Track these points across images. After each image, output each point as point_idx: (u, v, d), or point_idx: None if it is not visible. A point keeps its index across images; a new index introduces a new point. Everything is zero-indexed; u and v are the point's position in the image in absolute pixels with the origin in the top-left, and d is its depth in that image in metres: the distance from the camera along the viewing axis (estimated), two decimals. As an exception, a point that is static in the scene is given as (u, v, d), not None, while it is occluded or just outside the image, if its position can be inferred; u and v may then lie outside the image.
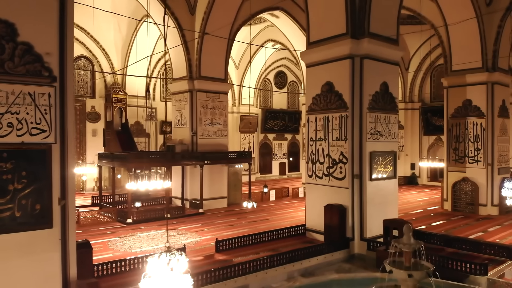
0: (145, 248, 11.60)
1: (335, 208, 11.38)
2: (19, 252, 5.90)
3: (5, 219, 5.78)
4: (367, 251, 10.98)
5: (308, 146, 12.64)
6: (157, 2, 16.90)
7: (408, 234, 5.95)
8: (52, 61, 6.13)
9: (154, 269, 3.67)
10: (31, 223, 5.95)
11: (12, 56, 5.82)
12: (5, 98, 5.79)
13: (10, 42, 5.81)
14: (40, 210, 6.01)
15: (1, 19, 5.77)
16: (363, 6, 11.16)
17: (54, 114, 6.16)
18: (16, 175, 5.83)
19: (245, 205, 13.73)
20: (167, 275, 3.58)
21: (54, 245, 6.19)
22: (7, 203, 5.78)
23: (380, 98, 11.73)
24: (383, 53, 11.63)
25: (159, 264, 3.68)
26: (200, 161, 17.11)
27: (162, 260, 3.70)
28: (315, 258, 10.06)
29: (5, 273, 5.81)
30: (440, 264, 8.99)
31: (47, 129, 6.10)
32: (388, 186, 12.00)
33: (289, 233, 12.46)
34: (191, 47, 17.72)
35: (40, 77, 6.03)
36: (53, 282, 6.22)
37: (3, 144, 5.76)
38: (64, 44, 6.31)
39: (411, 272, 5.70)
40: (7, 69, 5.79)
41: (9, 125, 5.82)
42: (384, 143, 11.91)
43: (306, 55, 12.56)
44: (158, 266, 3.66)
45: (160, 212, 16.02)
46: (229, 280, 8.38)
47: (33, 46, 5.97)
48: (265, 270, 9.04)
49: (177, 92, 18.66)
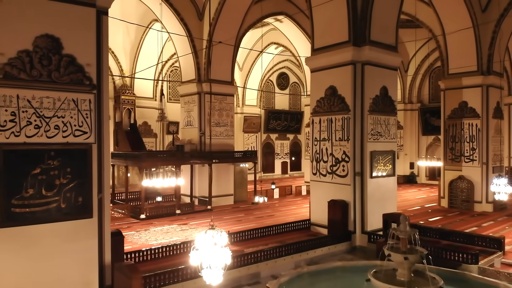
0: (161, 241, 12.43)
1: (338, 204, 12.22)
2: (64, 239, 6.74)
3: (52, 210, 6.63)
4: (368, 243, 11.83)
5: (313, 146, 13.47)
6: (167, 8, 17.73)
7: (404, 223, 6.79)
8: (91, 71, 6.97)
9: (201, 243, 4.50)
10: (74, 214, 6.79)
11: (58, 67, 6.66)
12: (53, 104, 6.63)
13: (56, 55, 6.65)
14: (82, 202, 6.85)
15: (48, 34, 6.61)
16: (364, 16, 11.99)
17: (93, 118, 7.00)
18: (62, 171, 6.67)
19: (256, 200, 14.61)
20: (211, 248, 4.42)
21: (94, 233, 7.04)
22: (54, 196, 6.63)
23: (380, 101, 12.57)
24: (383, 59, 12.48)
25: (205, 239, 4.51)
26: (208, 160, 17.95)
27: (208, 236, 4.53)
28: (320, 249, 10.91)
29: (53, 257, 6.66)
30: (435, 255, 9.82)
31: (88, 131, 6.94)
32: (387, 183, 12.84)
33: (294, 227, 13.30)
34: (200, 52, 18.54)
35: (82, 85, 6.87)
36: (92, 266, 7.06)
37: (51, 144, 6.60)
38: (101, 56, 7.15)
39: (406, 255, 6.54)
40: (54, 78, 6.63)
41: (56, 127, 6.66)
42: (383, 143, 12.75)
43: (310, 61, 13.40)
44: (204, 241, 4.50)
45: (170, 208, 16.88)
46: (242, 268, 9.22)
47: (75, 58, 6.82)
48: (275, 259, 9.88)
49: (186, 94, 19.49)
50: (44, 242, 6.58)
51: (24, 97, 6.41)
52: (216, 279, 4.49)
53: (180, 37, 18.25)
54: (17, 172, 6.35)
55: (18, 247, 6.39)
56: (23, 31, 6.42)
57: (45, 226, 6.56)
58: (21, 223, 6.38)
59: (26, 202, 6.40)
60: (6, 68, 6.27)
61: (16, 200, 6.33)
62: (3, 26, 6.27)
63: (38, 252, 6.54)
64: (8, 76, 6.28)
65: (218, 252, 4.44)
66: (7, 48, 6.30)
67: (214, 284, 4.58)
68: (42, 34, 6.54)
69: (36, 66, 6.48)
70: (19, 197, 6.35)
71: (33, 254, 6.50)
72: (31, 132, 6.46)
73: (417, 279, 6.84)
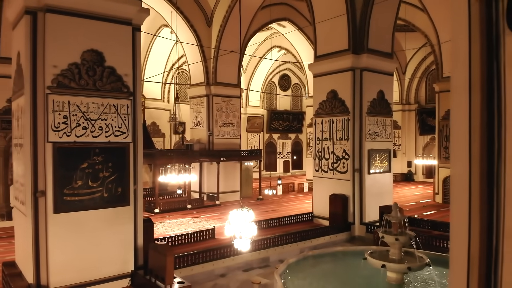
0: (177, 231, 13.61)
1: (339, 197, 13.41)
2: (106, 223, 7.92)
3: (97, 198, 7.80)
4: (366, 233, 13.02)
5: (315, 145, 14.65)
6: (176, 15, 18.88)
7: (395, 210, 7.96)
8: (128, 80, 8.15)
9: (233, 218, 5.66)
10: (114, 202, 7.97)
11: (101, 77, 7.83)
12: (97, 108, 7.80)
13: (99, 67, 7.83)
14: (121, 192, 8.03)
15: (93, 49, 7.78)
16: (362, 26, 13.17)
17: (130, 120, 8.17)
18: (104, 166, 7.85)
19: (266, 193, 15.87)
20: (241, 222, 5.58)
21: (130, 219, 8.22)
22: (98, 187, 7.80)
23: (377, 104, 13.76)
24: (379, 65, 13.67)
25: (236, 215, 5.67)
26: (216, 158, 19.12)
27: (238, 213, 5.69)
28: (322, 238, 12.11)
29: (97, 238, 7.84)
30: (427, 242, 11.00)
31: (126, 131, 8.11)
32: (383, 178, 14.04)
33: (298, 219, 14.49)
34: (208, 56, 19.70)
35: (121, 93, 8.04)
36: (128, 247, 8.24)
37: (96, 142, 7.78)
38: (136, 67, 8.33)
39: (397, 237, 7.72)
40: (98, 86, 7.80)
41: (100, 128, 7.84)
42: (380, 142, 13.94)
43: (313, 67, 14.58)
44: (235, 216, 5.66)
45: (182, 203, 18.06)
46: (254, 252, 10.40)
47: (115, 69, 7.99)
48: (282, 246, 11.08)
49: (195, 96, 20.66)
50: (90, 225, 7.76)
51: (74, 103, 7.58)
52: (245, 247, 5.67)
53: (190, 43, 19.41)
54: (68, 166, 7.52)
55: (69, 229, 7.57)
56: (73, 46, 7.59)
57: (91, 212, 7.74)
58: (71, 209, 7.56)
59: (75, 191, 7.58)
60: (59, 78, 7.45)
61: (67, 190, 7.51)
62: (56, 43, 7.45)
63: (85, 233, 7.71)
64: (61, 85, 7.46)
65: (247, 225, 5.61)
66: (60, 61, 7.47)
67: (244, 250, 5.76)
68: (88, 49, 7.72)
69: (83, 76, 7.65)
70: (70, 187, 7.53)
71: (81, 235, 7.68)
72: (79, 132, 7.64)
73: (407, 257, 8.04)
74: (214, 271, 9.72)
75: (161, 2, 18.42)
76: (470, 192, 1.39)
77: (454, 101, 1.56)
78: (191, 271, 9.26)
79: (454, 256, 1.48)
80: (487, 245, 1.33)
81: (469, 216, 1.40)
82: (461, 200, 1.45)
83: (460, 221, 1.43)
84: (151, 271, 7.88)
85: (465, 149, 1.41)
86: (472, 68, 1.36)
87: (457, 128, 1.52)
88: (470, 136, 1.38)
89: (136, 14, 8.31)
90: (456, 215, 1.49)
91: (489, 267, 1.29)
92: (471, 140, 1.37)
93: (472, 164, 1.38)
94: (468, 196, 1.40)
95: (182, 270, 9.01)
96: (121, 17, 8.07)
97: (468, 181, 1.40)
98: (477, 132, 1.35)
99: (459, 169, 1.49)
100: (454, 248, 1.50)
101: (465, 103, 1.42)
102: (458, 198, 1.49)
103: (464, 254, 1.39)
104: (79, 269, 7.66)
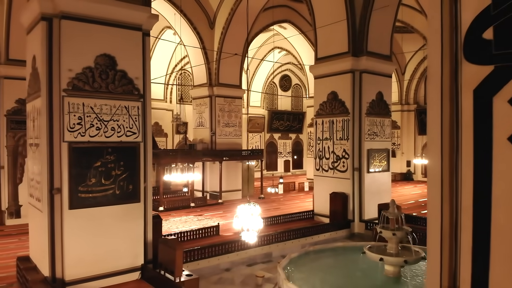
0: (182, 229, 14.01)
1: (339, 196, 13.83)
2: (118, 219, 8.33)
3: (109, 195, 8.21)
4: (365, 230, 13.44)
5: (316, 145, 15.07)
6: (180, 17, 19.29)
7: (392, 206, 8.38)
8: (139, 83, 8.56)
9: (241, 212, 6.07)
10: (126, 198, 8.38)
11: (113, 80, 8.24)
12: (110, 110, 8.22)
13: (112, 70, 8.24)
14: (132, 189, 8.44)
15: (106, 53, 8.19)
16: (362, 30, 13.59)
17: (141, 121, 8.59)
18: (116, 164, 8.26)
19: (269, 191, 16.31)
20: (248, 216, 5.99)
21: (140, 215, 8.64)
22: (111, 184, 8.22)
23: (376, 105, 14.18)
24: (378, 68, 14.09)
25: (244, 209, 6.08)
26: (219, 158, 19.54)
27: (246, 207, 6.10)
28: (323, 234, 12.53)
29: (109, 233, 8.25)
30: (424, 238, 11.39)
31: (136, 132, 8.53)
32: (382, 177, 14.46)
33: (300, 217, 14.91)
34: (211, 58, 20.12)
35: (132, 95, 8.46)
36: (139, 241, 8.65)
37: (108, 142, 8.19)
38: (145, 70, 8.74)
39: (394, 231, 8.13)
40: (110, 89, 8.22)
41: (112, 129, 8.25)
42: (379, 142, 14.36)
43: (314, 69, 15.00)
44: (243, 210, 6.07)
45: (185, 202, 18.48)
46: (257, 248, 10.83)
47: (127, 73, 8.40)
48: (284, 242, 11.50)
49: (198, 97, 21.07)
50: (103, 221, 8.17)
51: (88, 105, 7.99)
52: (252, 239, 6.08)
53: (193, 45, 19.83)
54: (83, 165, 7.93)
55: (83, 224, 7.98)
56: (87, 51, 8.01)
57: (103, 208, 8.16)
58: (85, 205, 7.97)
59: (89, 189, 7.99)
60: (74, 81, 7.86)
61: (82, 187, 7.92)
62: (71, 48, 7.86)
63: (98, 229, 8.13)
64: (75, 88, 7.87)
65: (254, 219, 6.02)
66: (75, 65, 7.88)
67: (251, 242, 6.18)
68: (101, 53, 8.13)
69: (97, 79, 8.06)
70: (84, 184, 7.94)
71: (94, 230, 8.10)
72: (93, 132, 8.05)
73: (404, 251, 8.46)
74: (219, 265, 10.15)
75: (165, 4, 18.82)
76: (442, 177, 1.82)
77: (430, 110, 1.97)
78: (198, 265, 9.68)
79: (431, 226, 1.91)
80: (454, 219, 1.76)
81: (441, 196, 1.82)
82: (435, 183, 1.89)
83: (435, 200, 1.86)
84: (161, 265, 8.30)
85: (438, 146, 1.83)
86: (443, 86, 1.77)
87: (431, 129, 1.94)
88: (441, 136, 1.79)
89: (146, 20, 8.72)
90: (432, 195, 1.91)
91: (455, 235, 1.73)
92: (442, 140, 1.78)
93: (443, 158, 1.80)
94: (440, 180, 1.84)
95: (189, 264, 9.44)
96: (132, 23, 8.49)
97: (440, 170, 1.83)
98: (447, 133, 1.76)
99: (434, 160, 1.92)
100: (430, 222, 1.93)
101: (437, 112, 1.83)
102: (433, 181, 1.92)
103: (438, 226, 1.82)
104: (92, 262, 8.07)
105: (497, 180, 1.60)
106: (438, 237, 1.83)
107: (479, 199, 1.64)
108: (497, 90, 1.61)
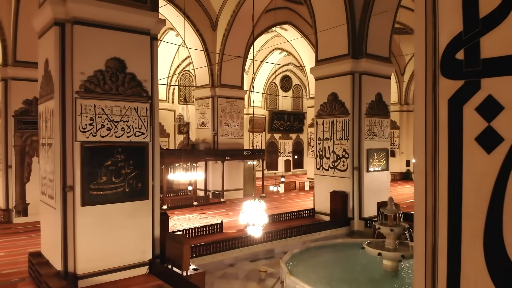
0: (185, 226, 14.38)
1: (339, 194, 14.20)
2: (128, 216, 8.70)
3: (119, 193, 8.58)
4: (364, 228, 13.81)
5: (317, 144, 15.44)
6: (183, 20, 19.67)
7: (390, 204, 8.76)
8: (147, 86, 8.93)
9: (247, 208, 6.44)
10: (135, 196, 8.75)
11: (123, 82, 8.61)
12: (120, 111, 8.58)
13: (122, 73, 8.60)
14: (141, 187, 8.81)
15: (116, 57, 8.56)
16: (361, 32, 13.96)
17: (149, 122, 8.95)
18: (126, 163, 8.63)
19: (271, 189, 16.68)
20: (254, 212, 6.35)
21: (149, 212, 9.00)
22: (121, 182, 8.58)
23: (375, 106, 14.55)
24: (377, 69, 14.46)
25: (249, 205, 6.44)
26: (221, 157, 19.90)
27: (251, 203, 6.46)
28: (323, 232, 12.90)
29: (119, 229, 8.62)
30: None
31: (145, 132, 8.90)
32: (381, 176, 14.83)
33: (301, 215, 15.28)
34: (213, 59, 20.48)
35: (140, 97, 8.83)
36: (147, 237, 9.02)
37: (119, 142, 8.56)
38: (153, 73, 9.11)
39: (392, 228, 8.51)
40: (120, 91, 8.58)
41: (122, 129, 8.61)
42: (378, 142, 14.73)
43: (315, 70, 15.36)
44: (249, 206, 6.43)
45: (188, 200, 18.85)
46: (260, 244, 11.19)
47: (136, 75, 8.77)
48: (286, 239, 11.87)
49: (200, 98, 21.44)
50: (113, 218, 8.54)
51: (99, 106, 8.36)
52: (258, 233, 6.44)
53: (196, 47, 20.19)
54: (94, 164, 8.30)
55: (95, 221, 8.35)
56: (98, 55, 8.37)
57: (114, 205, 8.52)
58: (97, 203, 8.34)
59: (100, 187, 8.36)
60: (86, 84, 8.23)
61: (93, 185, 8.29)
62: (83, 52, 8.22)
63: (108, 225, 8.50)
64: (87, 90, 8.24)
65: (259, 214, 6.39)
66: (87, 68, 8.25)
67: (256, 236, 6.55)
68: (112, 57, 8.49)
69: (107, 82, 8.43)
70: (95, 182, 8.31)
71: (105, 226, 8.46)
72: (104, 133, 8.41)
73: (401, 247, 8.83)
74: (224, 261, 10.52)
75: (168, 7, 19.18)
76: (425, 171, 2.22)
77: (416, 116, 2.35)
78: (203, 260, 10.05)
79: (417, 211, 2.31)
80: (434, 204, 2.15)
81: (425, 187, 2.21)
82: (420, 176, 2.28)
83: (420, 190, 2.26)
84: (169, 259, 8.67)
85: (423, 146, 2.21)
86: (427, 96, 2.15)
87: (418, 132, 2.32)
88: (425, 138, 2.17)
89: (154, 25, 9.09)
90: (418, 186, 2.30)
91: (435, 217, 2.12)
92: (426, 140, 2.16)
93: (427, 155, 2.18)
94: (425, 173, 2.23)
95: (195, 260, 9.79)
96: (141, 27, 8.85)
97: (425, 165, 2.23)
98: (430, 135, 2.13)
99: (419, 158, 2.31)
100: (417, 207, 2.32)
101: (422, 118, 2.22)
102: (419, 174, 2.31)
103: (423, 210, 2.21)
104: (102, 257, 8.44)
105: (466, 172, 2.01)
106: (423, 219, 2.23)
107: (452, 188, 2.05)
108: (466, 100, 2.03)
